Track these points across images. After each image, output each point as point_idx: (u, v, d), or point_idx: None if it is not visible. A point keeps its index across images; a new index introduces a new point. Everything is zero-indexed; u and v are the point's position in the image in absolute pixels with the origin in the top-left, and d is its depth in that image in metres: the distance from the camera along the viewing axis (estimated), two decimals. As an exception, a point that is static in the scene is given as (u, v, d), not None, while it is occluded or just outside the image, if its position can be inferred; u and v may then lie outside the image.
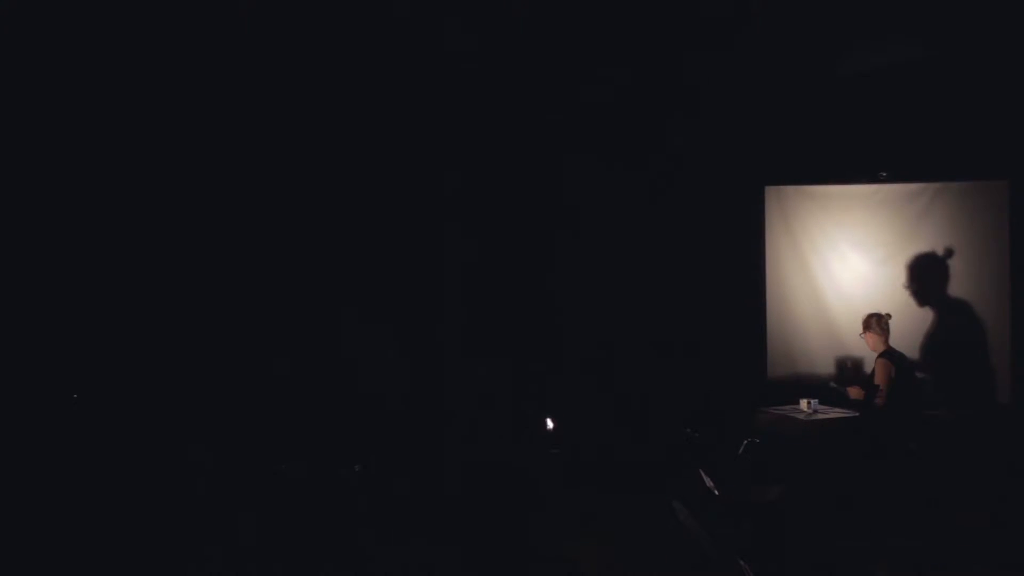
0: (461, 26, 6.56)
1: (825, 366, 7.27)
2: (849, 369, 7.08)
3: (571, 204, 7.60)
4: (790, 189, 7.49)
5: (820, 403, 6.37)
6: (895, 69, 6.95)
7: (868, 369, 6.37)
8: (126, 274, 6.72)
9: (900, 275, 7.14)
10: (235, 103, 6.83)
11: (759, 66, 7.09)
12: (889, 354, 6.19)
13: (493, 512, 5.87)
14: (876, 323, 6.28)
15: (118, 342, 6.65)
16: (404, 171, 7.26)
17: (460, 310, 7.37)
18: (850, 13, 6.40)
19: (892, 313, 6.47)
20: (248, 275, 6.96)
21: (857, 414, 6.15)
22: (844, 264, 7.34)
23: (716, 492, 5.18)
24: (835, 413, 6.23)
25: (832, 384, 6.66)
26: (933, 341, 6.97)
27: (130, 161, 6.71)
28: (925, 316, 7.05)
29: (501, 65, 7.01)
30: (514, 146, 7.44)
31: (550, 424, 6.99)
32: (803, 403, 6.34)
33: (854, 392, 6.25)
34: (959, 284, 7.03)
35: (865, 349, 6.46)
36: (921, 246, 7.11)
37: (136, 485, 5.95)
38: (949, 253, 7.04)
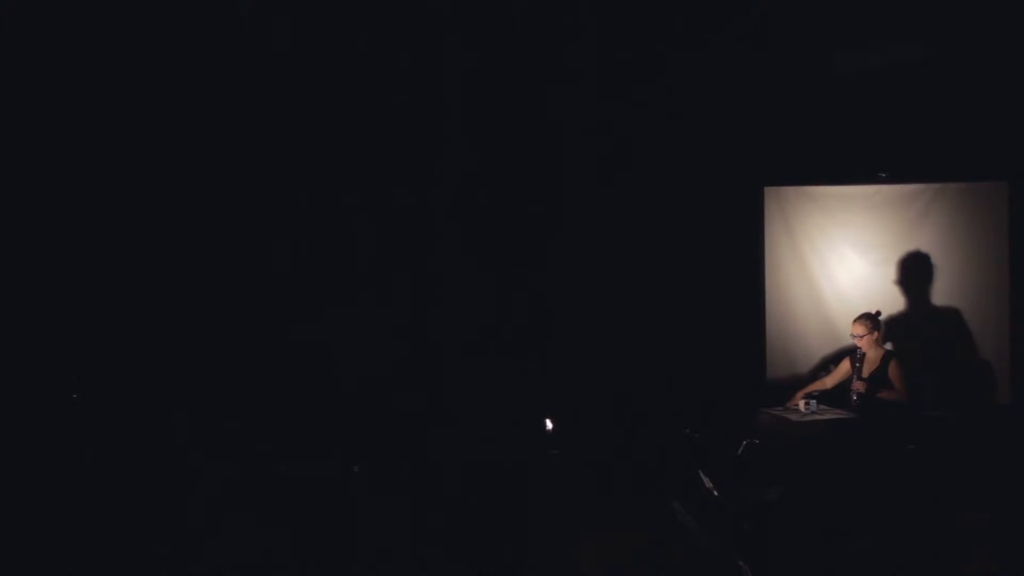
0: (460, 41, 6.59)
1: (819, 366, 7.27)
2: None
3: (570, 203, 7.59)
4: (789, 190, 7.49)
5: (818, 404, 6.37)
6: (894, 69, 6.95)
7: (866, 371, 6.34)
8: (123, 274, 6.71)
9: (899, 276, 7.15)
10: (227, 100, 6.82)
11: (758, 66, 7.10)
12: (898, 354, 6.23)
13: (493, 512, 5.86)
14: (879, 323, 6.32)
15: (115, 342, 6.64)
16: (398, 164, 7.25)
17: (459, 309, 7.36)
18: (850, 13, 6.41)
19: (891, 314, 6.48)
20: (245, 272, 6.96)
21: (854, 415, 6.15)
22: (843, 265, 7.34)
23: (715, 492, 5.18)
24: (832, 414, 6.23)
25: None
26: (932, 341, 6.97)
27: (126, 160, 6.71)
28: (924, 316, 7.06)
29: (496, 59, 7.01)
30: (511, 143, 7.43)
31: (550, 424, 6.98)
32: (801, 403, 6.34)
33: (859, 386, 6.23)
34: (958, 285, 7.03)
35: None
36: (920, 247, 7.11)
37: (134, 484, 5.94)
38: (948, 254, 7.04)
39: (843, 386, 6.42)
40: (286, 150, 7.01)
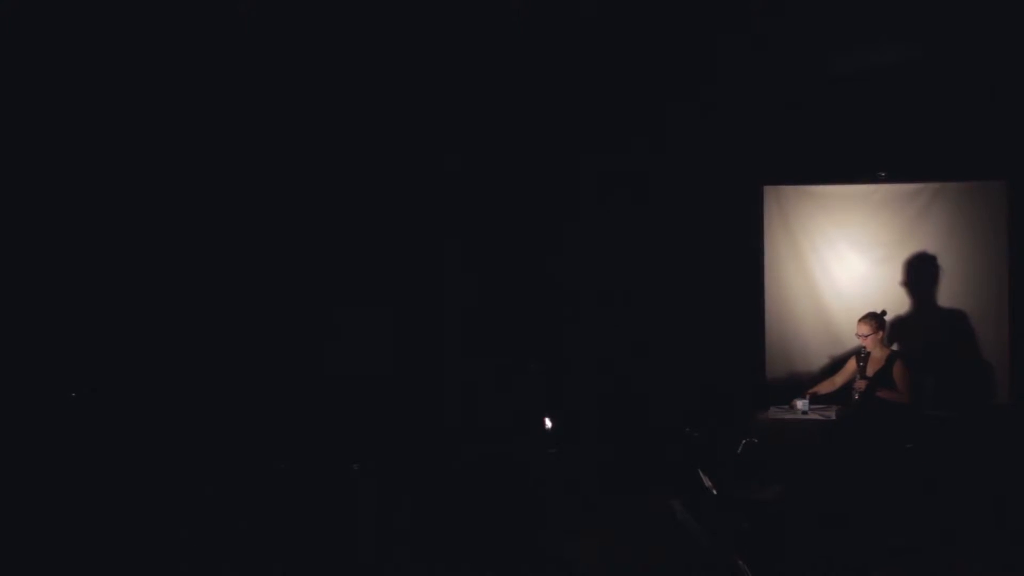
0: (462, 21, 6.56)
1: (823, 366, 7.27)
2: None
3: (570, 205, 7.59)
4: (789, 189, 7.49)
5: (812, 403, 6.38)
6: (894, 69, 6.95)
7: (871, 370, 6.34)
8: (123, 272, 6.71)
9: (898, 275, 7.15)
10: (228, 98, 6.81)
11: (758, 65, 7.09)
12: (903, 354, 6.22)
13: (493, 512, 5.87)
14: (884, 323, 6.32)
15: (115, 340, 6.64)
16: (403, 164, 7.25)
17: (459, 309, 7.36)
18: (849, 13, 6.40)
19: (891, 313, 6.48)
20: (245, 271, 6.95)
21: (837, 416, 6.17)
22: (843, 264, 7.34)
23: (715, 492, 5.18)
24: (817, 414, 6.24)
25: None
26: (931, 341, 6.97)
27: (127, 161, 6.70)
28: (923, 316, 7.06)
29: (503, 59, 7.00)
30: (514, 143, 7.43)
31: (549, 424, 6.98)
32: (798, 403, 6.35)
33: (860, 385, 6.24)
34: (957, 284, 7.03)
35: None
36: (920, 246, 7.11)
37: (133, 484, 5.94)
38: (948, 253, 7.04)
39: (850, 385, 6.42)
40: (287, 151, 7.00)
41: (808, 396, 6.41)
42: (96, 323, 6.60)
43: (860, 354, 6.30)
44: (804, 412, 6.22)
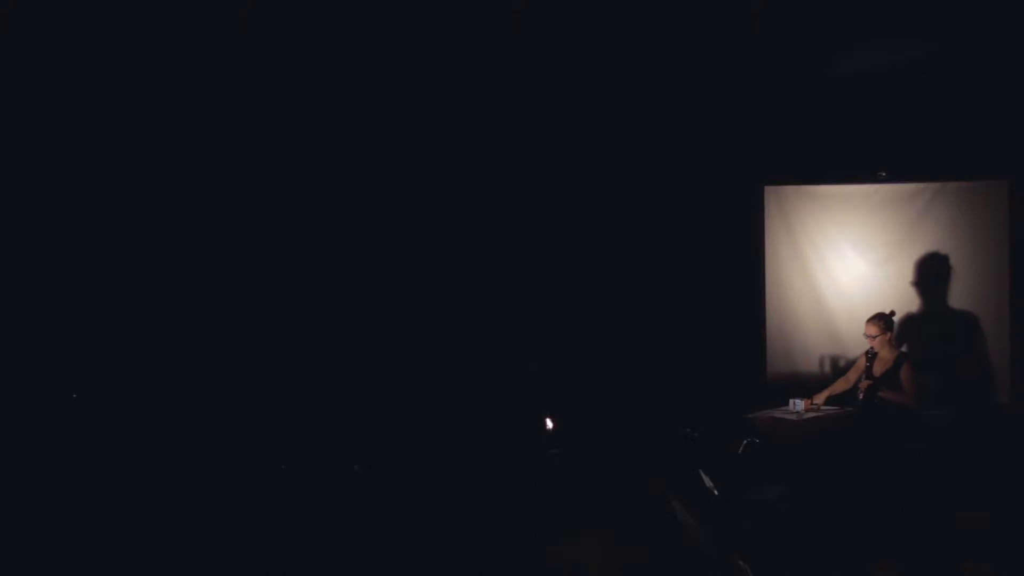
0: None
1: (824, 366, 7.27)
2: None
3: (571, 204, 7.59)
4: (790, 189, 7.50)
5: (829, 403, 6.38)
6: (895, 69, 6.95)
7: (878, 370, 6.33)
8: (123, 273, 6.71)
9: (900, 275, 7.15)
10: (227, 102, 6.82)
11: (759, 65, 7.10)
12: (911, 356, 6.22)
13: (493, 512, 5.87)
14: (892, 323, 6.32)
15: (116, 342, 6.64)
16: (401, 164, 7.25)
17: (459, 309, 7.36)
18: (850, 13, 6.40)
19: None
20: (245, 272, 6.95)
21: (824, 416, 6.18)
22: (843, 264, 7.35)
23: (715, 492, 5.18)
24: (816, 414, 6.25)
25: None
26: (933, 341, 6.98)
27: (127, 162, 6.70)
28: (924, 316, 7.06)
29: (504, 59, 7.01)
30: (514, 144, 7.43)
31: (550, 424, 6.98)
32: (797, 404, 6.35)
33: (864, 385, 6.23)
34: (958, 284, 7.03)
35: (862, 348, 6.41)
36: (921, 246, 7.12)
37: (134, 484, 5.94)
38: (949, 253, 7.04)
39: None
40: (285, 152, 7.00)
41: (824, 398, 6.40)
42: (98, 324, 6.60)
43: (868, 353, 6.29)
44: (796, 411, 6.25)
